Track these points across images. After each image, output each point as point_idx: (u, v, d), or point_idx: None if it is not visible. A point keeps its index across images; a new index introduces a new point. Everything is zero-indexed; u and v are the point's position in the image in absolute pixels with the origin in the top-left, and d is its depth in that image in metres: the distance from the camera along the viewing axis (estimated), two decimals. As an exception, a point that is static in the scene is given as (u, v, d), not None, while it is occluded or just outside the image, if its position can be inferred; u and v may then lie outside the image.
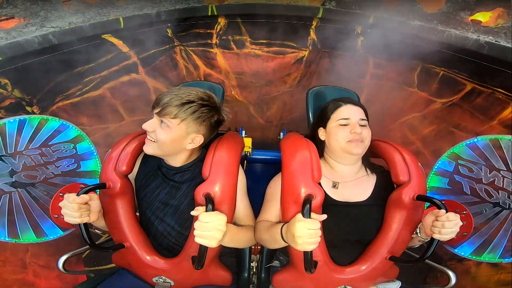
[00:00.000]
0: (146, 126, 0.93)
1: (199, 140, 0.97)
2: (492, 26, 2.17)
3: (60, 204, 0.88)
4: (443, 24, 2.29)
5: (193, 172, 1.04)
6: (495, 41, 2.05)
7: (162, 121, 0.92)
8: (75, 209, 0.85)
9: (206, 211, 0.83)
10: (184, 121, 0.92)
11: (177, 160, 1.03)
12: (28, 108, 2.08)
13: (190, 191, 1.01)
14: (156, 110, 0.91)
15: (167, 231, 1.03)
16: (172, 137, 0.93)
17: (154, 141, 0.94)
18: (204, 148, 1.10)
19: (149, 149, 0.97)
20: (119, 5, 2.55)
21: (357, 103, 1.10)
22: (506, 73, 1.97)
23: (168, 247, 1.03)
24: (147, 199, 1.04)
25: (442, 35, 2.21)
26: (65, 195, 0.88)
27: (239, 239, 0.98)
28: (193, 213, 0.85)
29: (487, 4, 2.27)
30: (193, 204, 0.94)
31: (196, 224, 0.81)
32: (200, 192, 0.91)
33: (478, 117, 2.14)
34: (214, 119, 0.97)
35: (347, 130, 1.02)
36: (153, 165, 1.08)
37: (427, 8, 2.43)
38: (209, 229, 0.80)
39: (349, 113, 1.05)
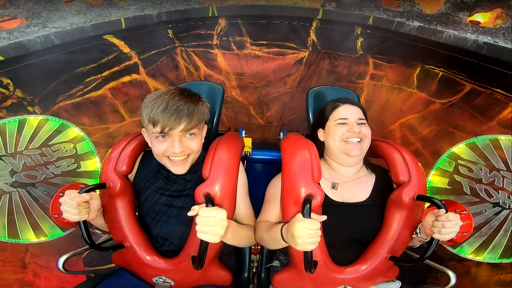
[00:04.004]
0: (176, 149, 0.91)
1: (205, 128, 1.04)
2: (491, 27, 2.18)
3: (60, 200, 0.87)
4: (442, 25, 2.29)
5: (196, 172, 1.04)
6: (494, 41, 2.06)
7: (188, 134, 0.94)
8: (74, 206, 0.85)
9: None
10: (202, 121, 0.98)
11: None
12: (30, 108, 2.09)
13: (194, 191, 1.01)
14: (180, 128, 0.90)
15: (171, 232, 1.02)
16: (201, 141, 1.00)
17: (186, 157, 0.96)
18: (203, 150, 1.10)
19: (185, 167, 0.97)
20: (120, 6, 2.55)
21: (355, 102, 1.10)
22: (505, 73, 1.98)
23: (171, 248, 1.03)
24: (149, 202, 1.03)
25: (441, 36, 2.22)
26: (66, 192, 0.87)
27: (241, 236, 0.97)
28: (190, 213, 0.83)
29: (486, 5, 2.27)
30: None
31: (197, 219, 0.80)
32: (200, 192, 0.91)
33: (478, 117, 2.14)
34: None
35: (344, 128, 1.03)
36: (152, 166, 1.06)
37: (427, 8, 2.44)
38: (212, 224, 0.79)
39: (347, 113, 1.05)
